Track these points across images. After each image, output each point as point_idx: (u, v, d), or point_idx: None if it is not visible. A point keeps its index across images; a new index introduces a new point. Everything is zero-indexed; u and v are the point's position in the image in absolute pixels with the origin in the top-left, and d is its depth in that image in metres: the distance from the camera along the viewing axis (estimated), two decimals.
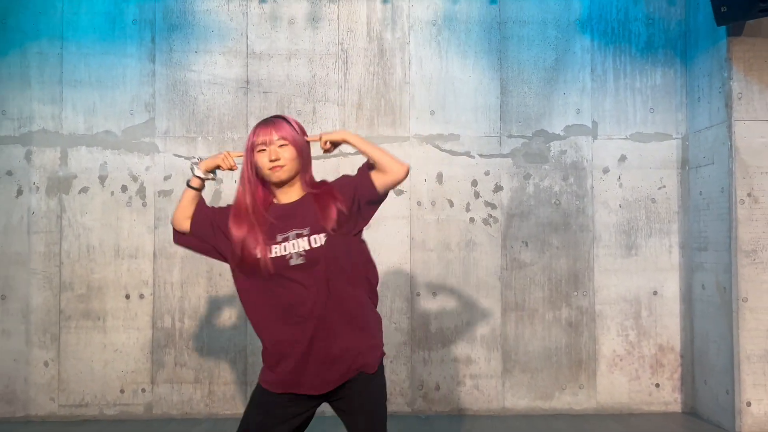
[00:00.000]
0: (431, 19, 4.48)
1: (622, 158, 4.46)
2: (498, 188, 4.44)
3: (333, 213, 2.10)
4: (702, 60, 4.28)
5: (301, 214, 2.13)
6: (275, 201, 2.20)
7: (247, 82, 4.46)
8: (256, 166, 2.15)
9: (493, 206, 4.43)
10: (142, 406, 4.34)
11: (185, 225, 2.27)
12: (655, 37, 4.50)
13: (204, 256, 2.37)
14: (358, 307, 2.14)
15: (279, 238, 2.09)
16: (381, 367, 2.16)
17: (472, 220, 4.42)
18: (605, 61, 4.49)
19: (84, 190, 4.40)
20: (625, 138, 4.47)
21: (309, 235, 2.08)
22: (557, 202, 4.45)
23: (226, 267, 4.28)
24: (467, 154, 4.44)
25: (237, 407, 4.33)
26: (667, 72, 4.49)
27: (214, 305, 4.37)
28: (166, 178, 4.41)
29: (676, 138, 4.48)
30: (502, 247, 4.41)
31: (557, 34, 4.49)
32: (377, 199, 2.19)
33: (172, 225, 2.32)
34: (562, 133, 4.47)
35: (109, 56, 4.42)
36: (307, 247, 2.07)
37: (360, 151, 2.21)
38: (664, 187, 4.45)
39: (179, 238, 2.31)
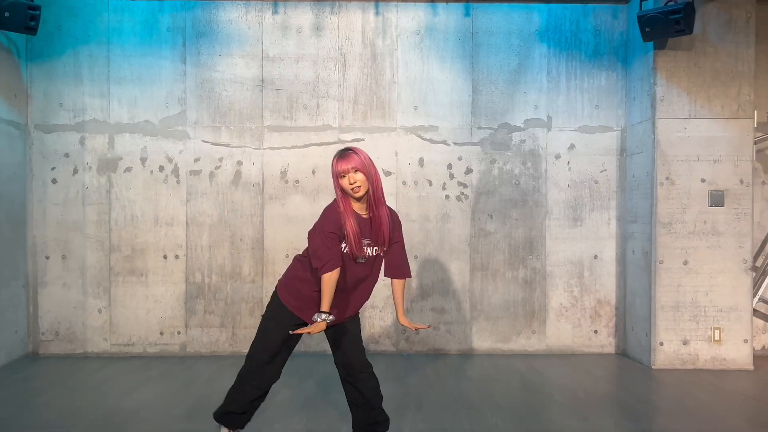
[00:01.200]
0: (415, 29, 5.37)
1: (572, 146, 5.39)
2: (469, 171, 5.38)
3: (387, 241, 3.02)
4: (637, 66, 5.19)
5: (374, 229, 2.98)
6: (355, 212, 2.98)
7: (263, 80, 5.35)
8: (342, 188, 2.94)
9: (465, 185, 5.38)
10: (178, 345, 5.33)
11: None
12: (602, 46, 5.40)
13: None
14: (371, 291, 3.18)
15: (364, 242, 2.96)
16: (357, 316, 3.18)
17: (447, 197, 5.37)
18: (559, 65, 5.39)
19: (128, 169, 5.32)
20: (574, 130, 5.40)
21: (372, 246, 2.98)
22: (517, 182, 5.39)
23: (245, 233, 5.29)
24: (444, 142, 5.37)
25: None
26: (610, 75, 5.40)
27: (236, 264, 5.33)
28: (195, 160, 5.33)
29: (617, 130, 5.41)
30: (472, 219, 5.37)
31: (520, 43, 5.39)
32: None
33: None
34: (522, 126, 5.39)
35: (147, 58, 5.31)
36: (372, 254, 2.99)
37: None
38: (605, 170, 5.40)
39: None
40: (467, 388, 4.39)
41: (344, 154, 2.92)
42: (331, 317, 2.88)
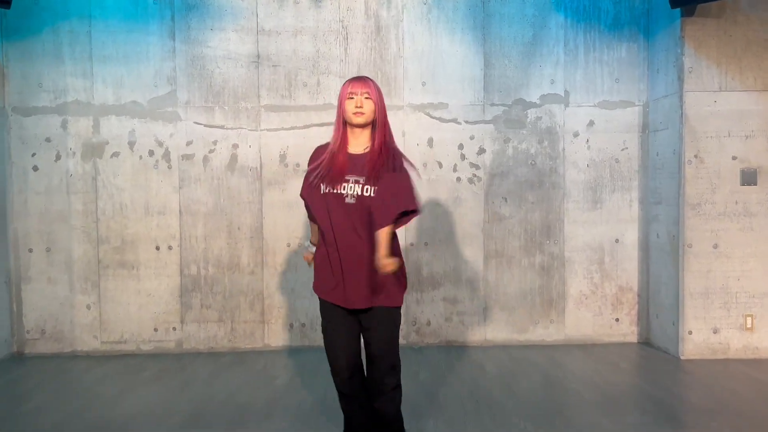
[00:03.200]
0: None
1: (591, 123, 5.06)
2: (481, 151, 5.04)
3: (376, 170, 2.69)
4: (661, 36, 4.84)
5: (365, 164, 2.69)
6: (348, 149, 2.73)
7: (258, 56, 4.97)
8: (344, 113, 2.71)
9: (477, 167, 5.04)
10: (174, 342, 5.00)
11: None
12: (622, 15, 5.04)
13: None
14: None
15: (348, 178, 2.67)
16: None
17: (458, 179, 5.03)
18: (577, 37, 5.03)
19: (115, 154, 4.95)
20: (593, 105, 5.05)
21: (363, 184, 2.65)
22: (533, 162, 5.06)
23: (243, 222, 4.95)
24: (454, 120, 5.02)
25: (256, 342, 5.00)
26: (631, 46, 5.05)
27: (234, 255, 4.99)
28: (188, 144, 4.96)
29: (638, 105, 5.07)
30: (485, 202, 5.04)
31: (535, 12, 5.02)
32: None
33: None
34: (538, 102, 5.05)
35: (133, 34, 4.91)
36: (359, 193, 2.65)
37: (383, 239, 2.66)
38: (627, 149, 5.07)
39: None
40: (486, 384, 4.09)
41: (360, 77, 2.78)
42: (308, 244, 2.97)
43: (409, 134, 4.99)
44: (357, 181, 2.65)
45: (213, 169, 4.96)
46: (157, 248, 4.97)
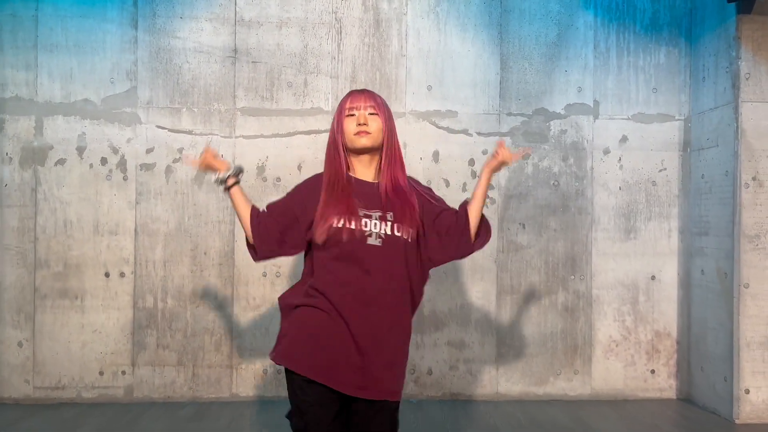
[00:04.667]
0: None
1: (623, 139, 4.34)
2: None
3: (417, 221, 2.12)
4: (708, 39, 4.15)
5: (384, 197, 2.08)
6: (351, 174, 2.12)
7: (236, 51, 4.23)
8: (342, 134, 2.09)
9: (491, 187, 4.24)
10: (123, 389, 4.16)
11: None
12: (660, 14, 4.36)
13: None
14: None
15: (361, 213, 2.04)
16: None
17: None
18: (608, 38, 4.34)
19: (61, 161, 4.16)
20: (626, 118, 4.34)
21: (393, 222, 2.06)
22: (556, 183, 4.32)
23: (211, 245, 4.12)
24: (465, 131, 4.28)
25: (222, 391, 4.18)
26: (671, 51, 4.36)
27: (199, 285, 4.19)
28: (148, 151, 4.19)
29: (679, 119, 4.36)
30: (499, 229, 4.28)
31: (560, 9, 4.33)
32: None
33: (247, 238, 2.22)
34: (562, 112, 4.33)
35: (88, 20, 4.17)
36: (389, 233, 2.05)
37: (477, 194, 2.23)
38: (665, 169, 4.34)
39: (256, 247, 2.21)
40: None
41: (362, 90, 2.20)
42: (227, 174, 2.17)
43: (411, 146, 4.24)
44: (382, 218, 2.05)
45: (177, 182, 4.18)
46: (107, 275, 4.15)
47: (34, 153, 4.15)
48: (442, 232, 2.17)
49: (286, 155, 4.19)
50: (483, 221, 2.27)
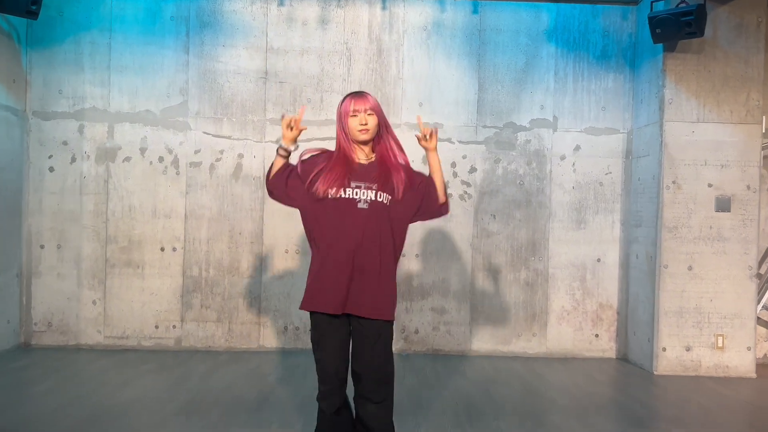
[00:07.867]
0: (422, 25, 5.31)
1: (577, 148, 5.34)
2: (473, 170, 5.32)
3: (401, 189, 2.76)
4: (645, 69, 5.14)
5: (375, 174, 2.74)
6: (354, 158, 2.76)
7: (266, 73, 5.27)
8: (346, 130, 2.74)
9: (468, 185, 5.31)
10: (173, 339, 5.24)
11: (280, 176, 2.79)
12: (609, 47, 5.35)
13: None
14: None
15: (353, 185, 2.69)
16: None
17: (450, 195, 5.29)
18: (567, 66, 5.34)
19: (127, 159, 5.23)
20: (580, 131, 5.34)
21: (377, 190, 2.70)
22: (521, 182, 5.33)
23: (245, 227, 5.24)
24: (449, 140, 5.30)
25: (251, 342, 5.24)
26: (618, 77, 5.35)
27: (235, 259, 5.25)
28: (196, 152, 5.25)
29: (623, 133, 5.35)
30: (474, 219, 5.31)
31: (528, 41, 5.33)
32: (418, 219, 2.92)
33: (268, 177, 2.86)
34: (527, 126, 5.33)
35: (150, 47, 5.22)
36: (373, 198, 2.69)
37: (431, 169, 2.90)
38: (611, 173, 5.34)
39: (274, 178, 2.83)
40: (468, 391, 4.32)
41: (359, 93, 2.79)
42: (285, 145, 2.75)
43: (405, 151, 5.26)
44: (369, 187, 2.69)
45: (218, 176, 5.24)
46: (162, 249, 5.23)
47: (107, 152, 5.23)
48: (423, 197, 2.89)
49: None
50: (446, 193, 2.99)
